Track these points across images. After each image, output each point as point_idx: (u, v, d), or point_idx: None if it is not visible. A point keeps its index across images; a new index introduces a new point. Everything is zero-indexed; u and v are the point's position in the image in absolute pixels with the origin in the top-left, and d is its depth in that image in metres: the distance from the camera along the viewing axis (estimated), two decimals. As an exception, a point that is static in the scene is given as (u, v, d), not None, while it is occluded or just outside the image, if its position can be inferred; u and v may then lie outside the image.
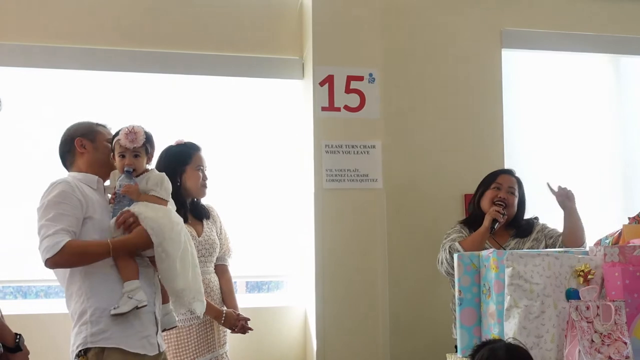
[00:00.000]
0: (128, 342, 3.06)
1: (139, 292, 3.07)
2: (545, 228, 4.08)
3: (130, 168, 3.20)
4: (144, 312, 3.11)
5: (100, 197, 3.24)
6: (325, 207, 4.55)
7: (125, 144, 3.18)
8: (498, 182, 4.10)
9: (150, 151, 3.30)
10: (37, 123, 4.54)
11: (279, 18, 4.88)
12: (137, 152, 3.21)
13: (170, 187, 3.32)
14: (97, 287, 3.08)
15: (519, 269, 2.74)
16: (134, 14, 4.68)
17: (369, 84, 4.68)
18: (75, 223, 3.07)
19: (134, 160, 3.21)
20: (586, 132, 5.41)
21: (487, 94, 5.12)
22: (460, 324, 3.01)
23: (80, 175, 3.26)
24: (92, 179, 3.26)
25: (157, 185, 3.24)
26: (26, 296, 4.78)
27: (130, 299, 3.04)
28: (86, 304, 3.06)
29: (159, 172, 3.32)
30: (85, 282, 3.08)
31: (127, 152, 3.20)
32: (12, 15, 4.53)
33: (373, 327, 4.52)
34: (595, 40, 5.38)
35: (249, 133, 4.87)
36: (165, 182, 3.29)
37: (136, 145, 3.19)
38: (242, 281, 4.93)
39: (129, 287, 3.07)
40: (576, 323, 2.58)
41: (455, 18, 5.14)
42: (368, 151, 4.64)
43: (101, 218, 3.17)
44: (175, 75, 4.76)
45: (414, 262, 4.78)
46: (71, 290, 3.13)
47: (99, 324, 3.03)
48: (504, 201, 4.00)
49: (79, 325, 3.07)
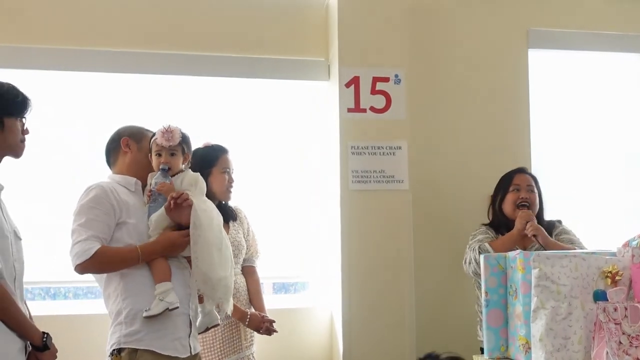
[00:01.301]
0: (160, 344, 3.09)
1: (170, 294, 3.09)
2: (562, 233, 4.02)
3: (165, 166, 3.24)
4: (177, 314, 3.14)
5: (138, 200, 3.28)
6: (351, 208, 4.55)
7: (161, 143, 3.23)
8: (515, 183, 4.07)
9: (187, 151, 3.34)
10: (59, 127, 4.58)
11: (305, 19, 4.89)
12: (173, 150, 3.25)
13: (204, 188, 3.36)
14: (132, 288, 3.12)
15: (545, 270, 2.72)
16: (160, 16, 4.70)
17: (395, 85, 4.67)
18: (106, 230, 3.12)
19: (170, 158, 3.25)
20: (615, 134, 5.35)
21: (513, 95, 5.09)
22: (487, 325, 3.00)
23: (119, 177, 3.30)
24: (130, 181, 3.30)
25: (191, 185, 3.28)
26: (55, 297, 4.83)
27: (162, 301, 3.06)
28: (122, 305, 3.11)
29: (194, 173, 3.35)
30: (122, 283, 3.13)
31: (164, 151, 3.24)
32: (22, 17, 4.54)
33: (399, 329, 4.51)
34: (624, 40, 5.32)
35: (275, 135, 4.89)
36: (200, 182, 3.32)
37: (172, 143, 3.23)
38: (269, 282, 4.95)
39: (160, 289, 3.09)
40: (604, 325, 2.56)
41: (481, 18, 5.11)
42: (394, 152, 4.63)
43: (137, 222, 3.20)
44: (202, 78, 4.79)
45: (440, 263, 4.76)
46: (109, 290, 3.18)
47: (132, 325, 3.07)
48: (527, 201, 3.98)
49: (115, 325, 3.11)
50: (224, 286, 3.23)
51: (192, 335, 3.24)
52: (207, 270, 3.16)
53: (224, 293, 3.25)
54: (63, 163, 4.58)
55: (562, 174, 4.90)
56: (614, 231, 4.62)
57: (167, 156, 3.25)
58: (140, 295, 3.11)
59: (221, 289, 3.22)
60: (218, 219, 3.33)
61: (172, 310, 3.09)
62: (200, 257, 3.15)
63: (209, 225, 3.20)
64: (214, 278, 3.17)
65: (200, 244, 3.15)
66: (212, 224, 3.22)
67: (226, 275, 3.23)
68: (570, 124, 5.28)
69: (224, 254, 3.26)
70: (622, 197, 5.24)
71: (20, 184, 4.36)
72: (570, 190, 4.95)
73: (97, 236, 3.07)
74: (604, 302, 2.61)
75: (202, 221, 3.17)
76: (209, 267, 3.16)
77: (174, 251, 3.19)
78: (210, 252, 3.17)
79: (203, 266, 3.15)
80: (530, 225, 3.82)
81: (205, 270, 3.16)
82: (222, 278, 3.20)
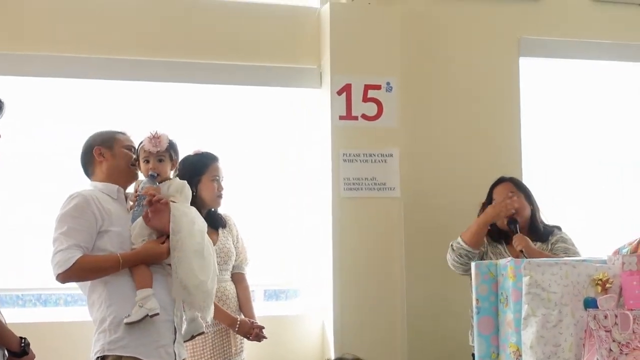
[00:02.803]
0: (144, 351, 3.08)
1: (150, 300, 3.07)
2: (558, 241, 4.03)
3: (154, 173, 3.24)
4: (161, 320, 3.12)
5: (121, 208, 3.27)
6: (342, 215, 4.55)
7: (149, 149, 3.24)
8: (494, 197, 4.09)
9: (175, 158, 3.35)
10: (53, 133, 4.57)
11: (297, 27, 4.88)
12: (161, 156, 3.27)
13: (190, 195, 3.38)
14: (116, 295, 3.11)
15: (536, 278, 2.72)
16: (152, 23, 4.68)
17: (387, 92, 4.69)
18: (88, 238, 3.12)
19: (158, 165, 3.26)
20: (606, 142, 5.37)
21: (504, 103, 5.11)
22: (478, 332, 3.00)
23: (101, 185, 3.29)
24: (112, 188, 3.29)
25: (177, 192, 3.29)
26: (46, 304, 4.80)
27: (142, 308, 3.05)
28: (105, 312, 3.10)
29: (181, 180, 3.36)
30: (106, 290, 3.12)
31: (151, 157, 3.26)
32: (30, 25, 4.52)
33: (391, 336, 4.51)
34: (615, 48, 5.35)
35: (267, 142, 4.89)
36: (186, 189, 3.34)
37: (159, 149, 3.24)
38: (260, 289, 4.94)
39: (140, 295, 3.08)
40: (594, 332, 2.56)
41: (472, 26, 5.13)
42: (385, 160, 4.64)
43: (120, 230, 3.20)
44: (193, 85, 4.78)
45: (431, 270, 4.76)
46: (93, 298, 3.17)
47: (116, 332, 3.06)
48: (515, 217, 3.97)
49: (98, 332, 3.10)
50: (202, 292, 3.20)
51: (177, 342, 3.22)
52: (184, 277, 3.14)
53: (203, 300, 3.22)
54: (52, 171, 4.55)
55: (553, 181, 4.92)
56: (604, 239, 4.63)
57: (155, 162, 3.26)
58: (124, 303, 3.09)
59: (199, 295, 3.19)
60: (201, 225, 3.31)
61: (153, 316, 3.06)
62: (179, 263, 3.14)
63: (189, 231, 3.19)
64: (191, 284, 3.15)
65: (179, 250, 3.14)
66: (192, 230, 3.21)
67: (205, 280, 3.20)
68: (561, 132, 5.31)
69: (207, 259, 3.24)
70: (613, 205, 5.26)
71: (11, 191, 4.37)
72: (560, 198, 4.97)
73: (78, 245, 3.07)
74: (595, 310, 2.61)
75: (182, 227, 3.16)
76: (187, 274, 3.14)
77: (154, 260, 3.18)
78: (190, 258, 3.15)
79: (181, 272, 3.14)
80: (516, 239, 3.88)
81: (182, 276, 3.14)
82: (200, 283, 3.17)
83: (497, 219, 3.97)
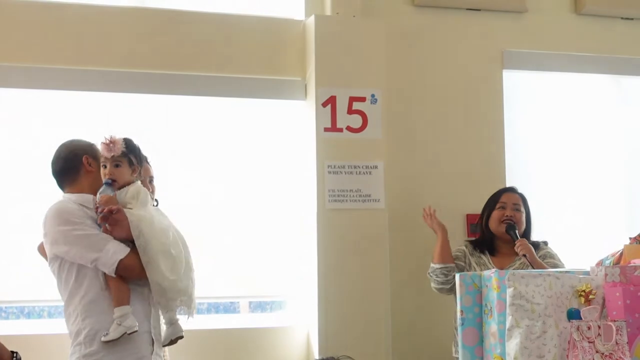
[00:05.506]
0: None
1: (128, 318, 3.03)
2: (545, 257, 4.07)
3: (109, 180, 3.15)
4: (138, 333, 3.08)
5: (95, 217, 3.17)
6: (327, 227, 4.56)
7: (104, 154, 3.15)
8: (502, 201, 4.16)
9: (136, 163, 3.25)
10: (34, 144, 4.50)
11: (282, 39, 4.90)
12: (117, 162, 3.17)
13: (146, 199, 3.25)
14: (92, 308, 3.07)
15: (520, 289, 2.74)
16: (135, 35, 4.67)
17: (371, 104, 4.70)
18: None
19: (114, 170, 3.16)
20: (588, 153, 5.42)
21: (488, 115, 5.14)
22: (462, 343, 3.00)
23: (75, 196, 3.22)
24: (87, 198, 3.21)
25: (133, 198, 3.18)
26: (29, 316, 4.77)
27: (120, 326, 3.01)
28: (81, 325, 3.06)
29: (137, 185, 3.25)
30: (81, 303, 3.08)
31: (108, 162, 3.16)
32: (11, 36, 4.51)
33: (376, 347, 4.51)
34: (598, 61, 5.41)
35: (252, 154, 4.87)
36: (142, 193, 3.22)
37: (114, 154, 3.13)
38: (245, 301, 4.93)
39: (118, 313, 3.03)
40: (577, 343, 2.58)
41: (456, 39, 5.17)
42: (370, 172, 4.65)
43: None
44: (177, 97, 4.76)
45: (416, 282, 4.76)
46: (69, 310, 3.13)
47: (92, 346, 3.03)
48: (511, 219, 4.05)
49: (74, 345, 3.08)
50: (177, 291, 3.15)
51: (154, 353, 3.18)
52: (158, 279, 3.09)
53: (179, 298, 3.18)
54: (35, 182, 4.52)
55: (536, 192, 4.94)
56: (587, 250, 4.65)
57: (111, 168, 3.15)
58: (100, 316, 3.05)
59: (174, 295, 3.15)
60: (162, 223, 3.24)
61: (131, 334, 3.03)
62: (149, 266, 3.09)
63: (149, 233, 3.11)
64: (165, 286, 3.11)
65: (145, 254, 3.08)
66: (153, 231, 3.13)
67: (175, 279, 3.14)
68: (544, 144, 5.34)
69: (176, 257, 3.17)
70: (595, 216, 5.29)
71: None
72: (543, 208, 4.99)
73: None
74: (578, 321, 2.63)
75: (142, 231, 3.09)
76: (158, 276, 3.09)
77: None
78: (157, 260, 3.09)
79: (153, 275, 3.09)
80: (519, 244, 3.95)
81: (156, 278, 3.09)
82: (171, 283, 3.12)
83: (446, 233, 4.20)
